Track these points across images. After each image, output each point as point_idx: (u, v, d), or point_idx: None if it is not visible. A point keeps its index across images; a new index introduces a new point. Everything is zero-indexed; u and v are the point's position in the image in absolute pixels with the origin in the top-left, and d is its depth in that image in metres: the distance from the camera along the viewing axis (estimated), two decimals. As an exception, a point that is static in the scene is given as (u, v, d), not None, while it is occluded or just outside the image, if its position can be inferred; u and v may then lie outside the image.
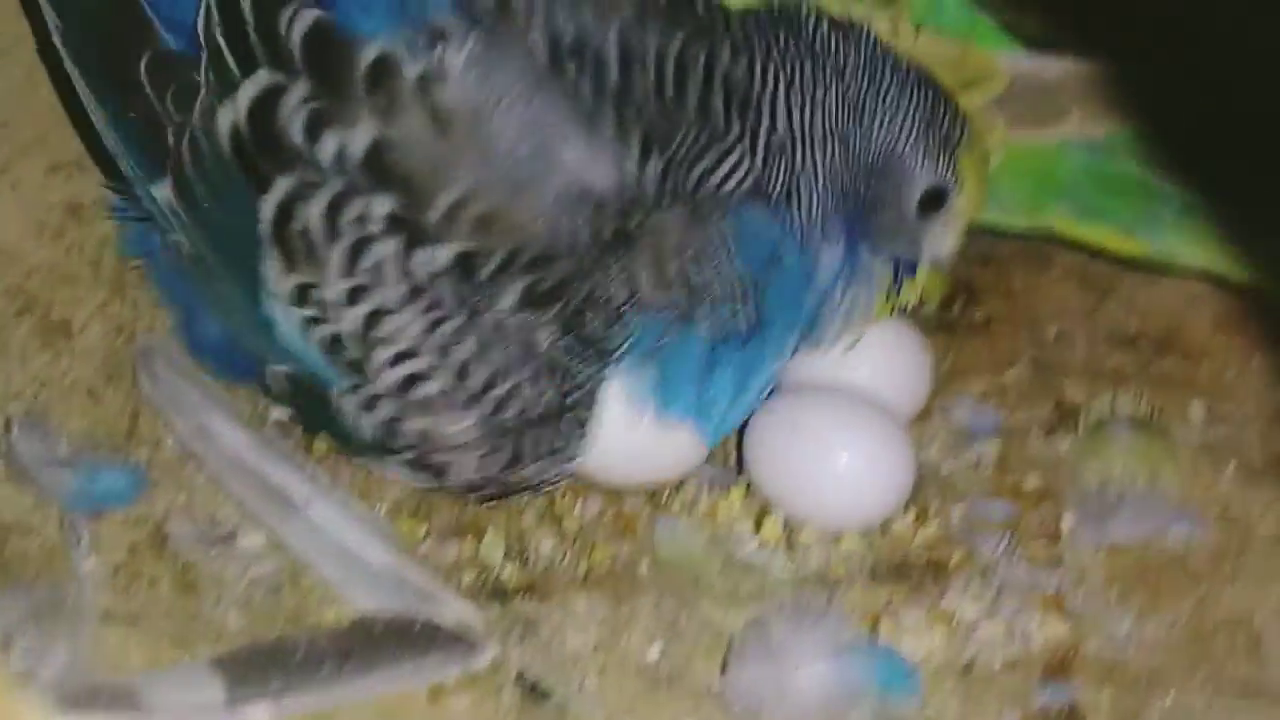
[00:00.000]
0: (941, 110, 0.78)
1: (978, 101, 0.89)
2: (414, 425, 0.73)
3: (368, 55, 0.69)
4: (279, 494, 0.76)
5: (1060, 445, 0.87)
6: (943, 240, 0.81)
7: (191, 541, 0.76)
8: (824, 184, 0.76)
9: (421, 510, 0.80)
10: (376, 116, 0.68)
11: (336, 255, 0.70)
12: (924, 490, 0.84)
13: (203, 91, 0.72)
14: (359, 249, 0.70)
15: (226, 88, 0.71)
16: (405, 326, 0.70)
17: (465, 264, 0.69)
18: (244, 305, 0.74)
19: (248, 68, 0.70)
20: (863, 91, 0.76)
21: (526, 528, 0.80)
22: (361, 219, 0.69)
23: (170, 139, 0.73)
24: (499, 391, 0.71)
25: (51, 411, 0.78)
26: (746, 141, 0.74)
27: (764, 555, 0.80)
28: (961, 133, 0.79)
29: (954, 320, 0.95)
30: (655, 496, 0.82)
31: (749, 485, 0.82)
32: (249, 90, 0.70)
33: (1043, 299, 0.96)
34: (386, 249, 0.69)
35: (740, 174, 0.74)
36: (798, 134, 0.75)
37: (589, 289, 0.70)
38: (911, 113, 0.77)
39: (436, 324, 0.71)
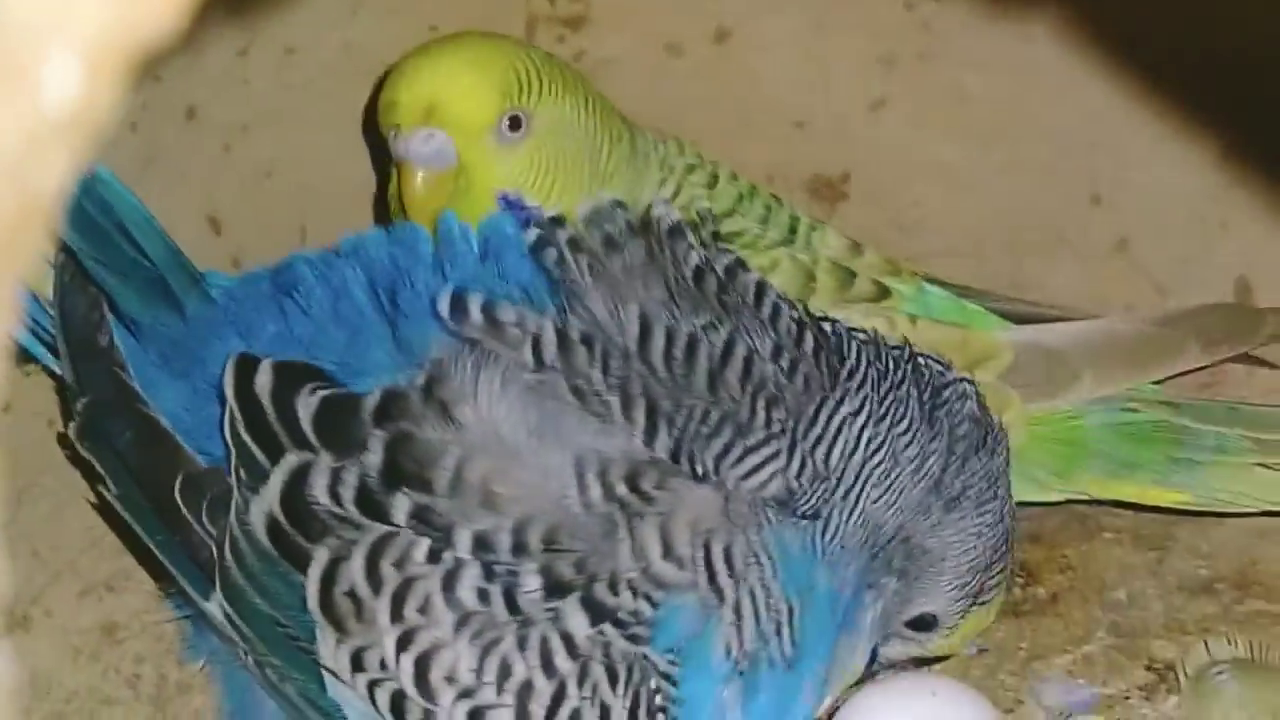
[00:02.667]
0: (999, 555, 0.78)
1: (988, 378, 0.89)
2: None
3: (372, 401, 0.70)
4: None
5: (1165, 705, 0.83)
6: (898, 648, 0.81)
7: None
8: (856, 526, 0.74)
9: None
10: (385, 438, 0.69)
11: (383, 604, 0.69)
12: (1040, 778, 0.79)
13: (235, 492, 0.72)
14: (403, 591, 0.69)
15: (257, 480, 0.72)
16: (460, 657, 0.68)
17: (482, 546, 0.68)
18: (311, 699, 0.72)
19: (275, 455, 0.71)
20: (940, 484, 0.76)
21: None
22: (401, 560, 0.69)
23: (213, 552, 0.73)
24: (566, 709, 0.68)
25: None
26: (780, 445, 0.72)
27: None
28: (995, 585, 0.80)
29: (1019, 603, 0.92)
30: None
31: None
32: (279, 476, 0.71)
33: (1102, 564, 0.94)
34: (430, 584, 0.68)
35: (768, 472, 0.71)
36: (843, 464, 0.73)
37: (607, 561, 0.68)
38: (970, 540, 0.77)
39: (489, 647, 0.68)
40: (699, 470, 0.70)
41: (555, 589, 0.68)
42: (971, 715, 0.76)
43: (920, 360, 0.78)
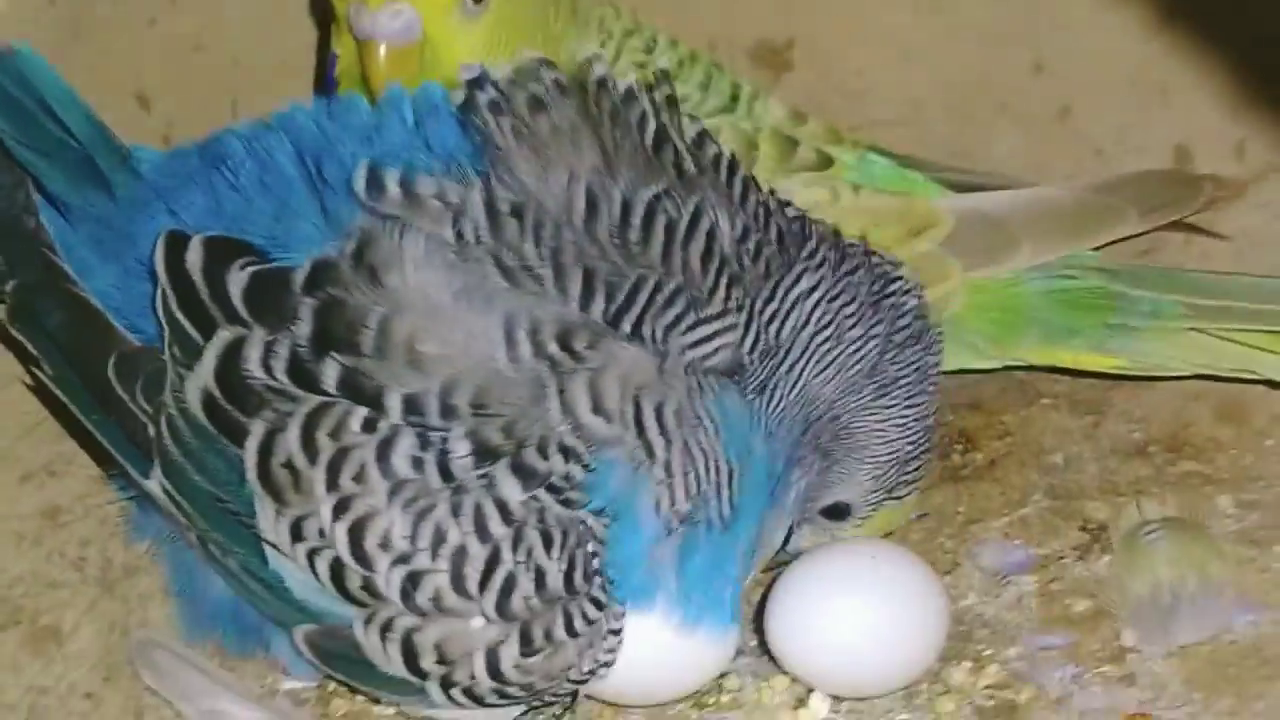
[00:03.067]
0: (919, 450, 0.80)
1: (928, 246, 0.89)
2: (430, 634, 0.70)
3: (301, 273, 0.70)
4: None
5: (1098, 565, 0.85)
6: (809, 537, 0.82)
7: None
8: (795, 399, 0.75)
9: (457, 760, 0.75)
10: (314, 305, 0.69)
11: (319, 474, 0.69)
12: (972, 638, 0.81)
13: (170, 370, 0.72)
14: (338, 460, 0.69)
15: (191, 356, 0.71)
16: (394, 524, 0.69)
17: (412, 409, 0.68)
18: (253, 572, 0.73)
19: (208, 331, 0.71)
20: (875, 368, 0.77)
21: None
22: (337, 430, 0.69)
23: (150, 431, 0.73)
24: (501, 573, 0.69)
25: (50, 719, 0.74)
26: (734, 319, 0.72)
27: (826, 734, 0.76)
28: (911, 482, 0.81)
29: (957, 468, 0.93)
30: (698, 697, 0.78)
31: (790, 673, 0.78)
32: (213, 351, 0.71)
33: (1040, 429, 0.95)
34: (365, 452, 0.68)
35: (717, 344, 0.72)
36: (792, 338, 0.74)
37: (536, 424, 0.68)
38: (894, 429, 0.79)
39: (423, 514, 0.69)
40: (642, 337, 0.70)
41: (484, 454, 0.68)
42: (910, 577, 0.78)
43: (874, 255, 0.79)
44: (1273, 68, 0.90)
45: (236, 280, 0.70)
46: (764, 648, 0.79)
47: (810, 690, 0.77)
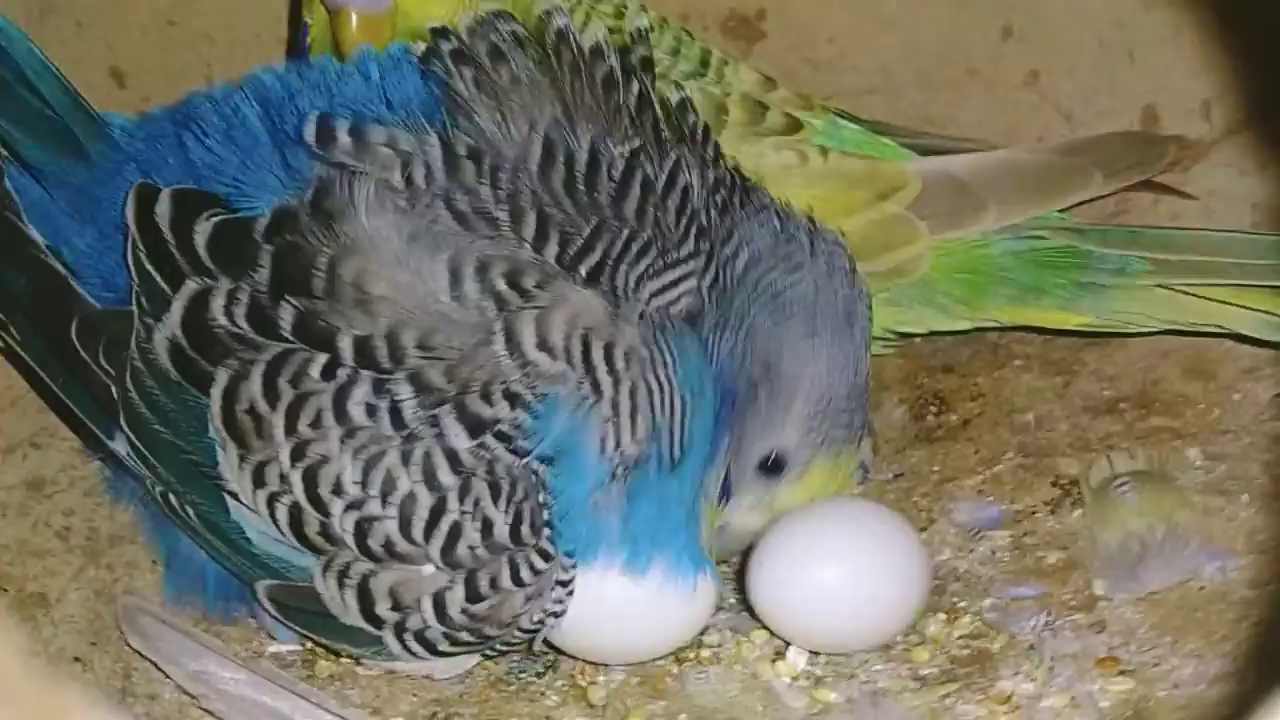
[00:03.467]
0: (851, 400, 0.79)
1: (897, 209, 0.90)
2: (384, 579, 0.71)
3: (263, 221, 0.71)
4: (288, 728, 0.72)
5: (1069, 518, 0.86)
6: (747, 504, 0.79)
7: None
8: (742, 336, 0.76)
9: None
10: (272, 252, 0.70)
11: (279, 419, 0.70)
12: (946, 591, 0.82)
13: (136, 321, 0.73)
14: (297, 406, 0.70)
15: (159, 306, 0.73)
16: (345, 469, 0.70)
17: (362, 353, 0.69)
18: (216, 524, 0.74)
19: (176, 282, 0.72)
20: (809, 310, 0.78)
21: (551, 708, 0.76)
22: (297, 376, 0.70)
23: (113, 391, 0.74)
24: (447, 522, 0.70)
25: (39, 682, 0.75)
26: (698, 264, 0.74)
27: (804, 687, 0.77)
28: (845, 437, 0.79)
29: (932, 429, 0.95)
30: (679, 654, 0.79)
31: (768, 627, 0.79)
32: (180, 301, 0.72)
33: (1012, 390, 0.96)
34: (322, 399, 0.70)
35: (681, 292, 0.73)
36: (741, 277, 0.76)
37: (481, 369, 0.69)
38: (823, 372, 0.78)
39: (374, 460, 0.70)
40: (600, 283, 0.71)
41: (427, 396, 0.69)
42: (891, 534, 0.79)
43: (816, 221, 0.80)
44: (1238, 26, 0.92)
45: (202, 230, 0.71)
46: (744, 604, 0.80)
47: (788, 644, 0.79)
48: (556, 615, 0.73)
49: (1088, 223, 0.94)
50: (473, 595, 0.71)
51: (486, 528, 0.70)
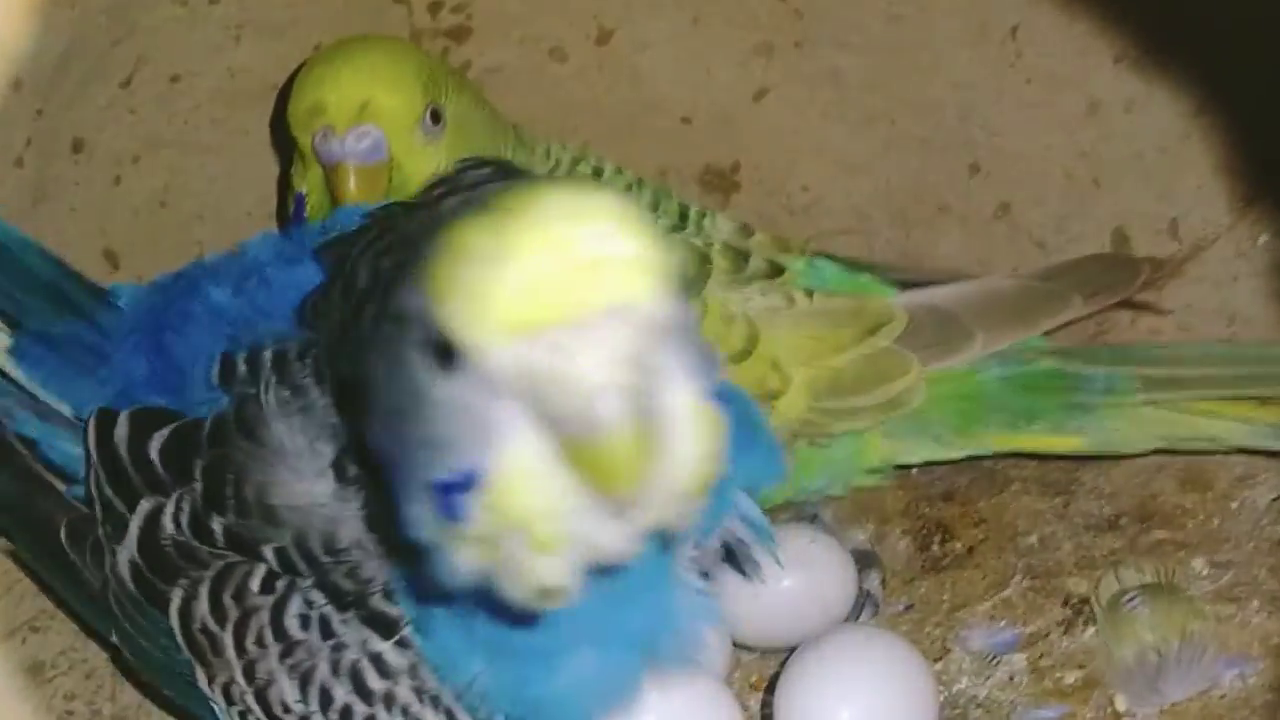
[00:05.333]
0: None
1: (886, 343, 0.92)
2: None
3: (206, 428, 0.70)
4: None
5: (1084, 636, 0.86)
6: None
7: None
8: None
9: None
10: (202, 465, 0.69)
11: (229, 638, 0.70)
12: (969, 718, 0.81)
13: (104, 544, 0.73)
14: (242, 624, 0.69)
15: (120, 530, 0.72)
16: (286, 689, 0.69)
17: (283, 561, 0.67)
18: None
19: (132, 503, 0.72)
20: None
21: None
22: (239, 592, 0.69)
23: (103, 595, 0.75)
24: None
25: None
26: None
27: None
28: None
29: (938, 559, 0.95)
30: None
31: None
32: (136, 522, 0.72)
33: (1013, 513, 0.96)
34: (263, 615, 0.69)
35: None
36: None
37: (373, 563, 0.66)
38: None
39: (308, 675, 0.69)
40: None
41: (340, 602, 0.67)
42: (900, 657, 0.79)
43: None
44: (1197, 148, 0.95)
45: (157, 440, 0.71)
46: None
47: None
48: None
49: (1070, 346, 0.96)
50: None
51: None
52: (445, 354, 0.50)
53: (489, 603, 0.57)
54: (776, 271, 0.92)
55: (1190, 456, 0.94)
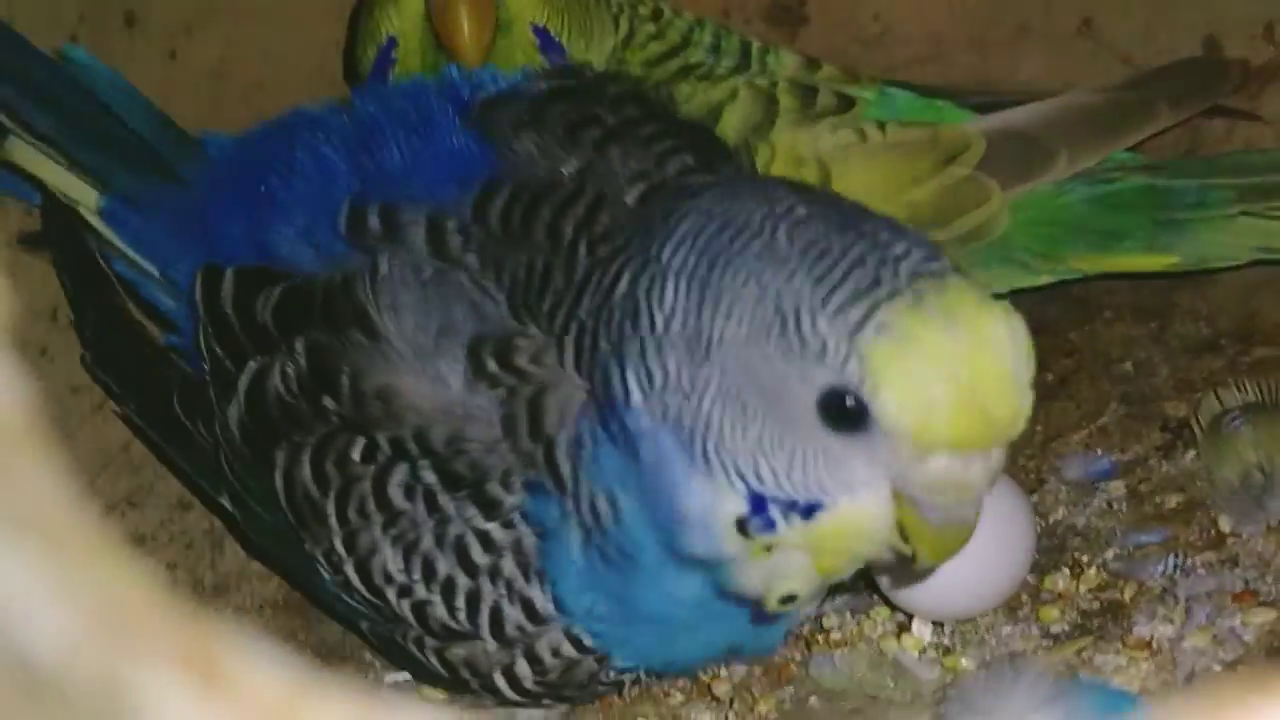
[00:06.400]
0: (840, 252, 0.59)
1: (964, 170, 0.88)
2: (457, 652, 0.70)
3: (319, 288, 0.69)
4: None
5: (1184, 460, 0.84)
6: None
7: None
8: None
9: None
10: (305, 343, 0.69)
11: (330, 506, 0.70)
12: (1067, 548, 0.80)
13: (214, 403, 0.74)
14: (344, 493, 0.69)
15: (229, 390, 0.72)
16: (389, 558, 0.69)
17: (396, 446, 0.67)
18: (317, 582, 0.74)
19: (240, 363, 0.72)
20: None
21: (677, 706, 0.75)
22: (341, 460, 0.69)
23: (217, 454, 0.75)
24: (486, 604, 0.68)
25: None
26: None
27: (934, 658, 0.75)
28: (885, 304, 0.57)
29: (1029, 391, 0.92)
30: (797, 639, 0.77)
31: (888, 601, 0.77)
32: (243, 382, 0.72)
33: (1106, 341, 0.94)
34: (365, 485, 0.69)
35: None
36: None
37: (499, 456, 0.65)
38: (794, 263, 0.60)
39: (412, 547, 0.68)
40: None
41: (454, 486, 0.67)
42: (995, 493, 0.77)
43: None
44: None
45: (263, 300, 0.71)
46: (864, 582, 0.79)
47: (911, 618, 0.77)
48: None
49: (1160, 160, 0.92)
50: (538, 668, 0.69)
51: (528, 606, 0.68)
52: (851, 416, 0.57)
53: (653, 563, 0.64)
54: (846, 105, 0.89)
55: (1290, 269, 0.91)
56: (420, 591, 0.69)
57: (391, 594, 0.69)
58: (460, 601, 0.68)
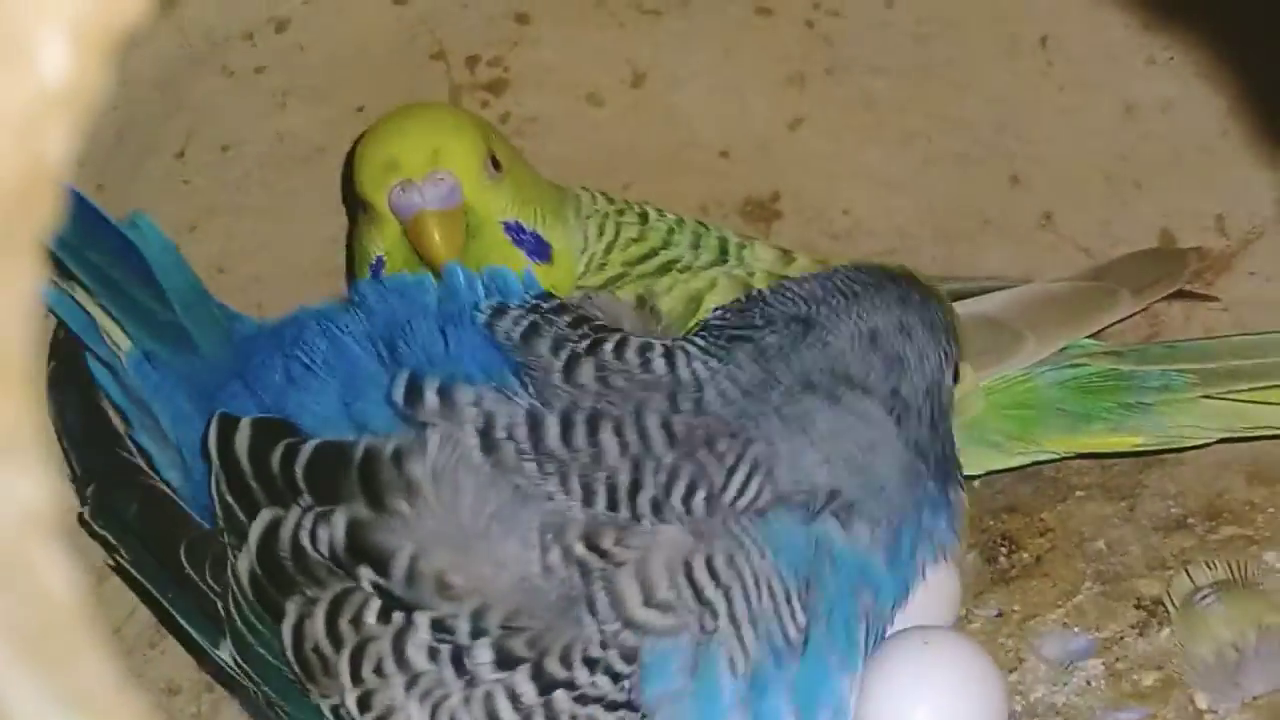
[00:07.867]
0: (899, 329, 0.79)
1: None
2: None
3: (357, 454, 0.71)
4: None
5: (1160, 637, 0.85)
6: None
7: None
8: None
9: None
10: (355, 502, 0.71)
11: (344, 664, 0.71)
12: (1049, 727, 0.81)
13: (226, 551, 0.75)
14: (359, 651, 0.70)
15: (240, 539, 0.75)
16: (411, 717, 0.69)
17: (440, 629, 0.69)
18: None
19: (252, 512, 0.74)
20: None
21: None
22: (356, 619, 0.70)
23: (219, 606, 0.76)
24: None
25: None
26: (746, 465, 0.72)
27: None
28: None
29: (1005, 570, 0.94)
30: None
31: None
32: (256, 531, 0.74)
33: (1079, 520, 0.96)
34: (382, 645, 0.70)
35: (755, 489, 0.71)
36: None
37: (561, 635, 0.68)
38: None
39: (439, 705, 0.69)
40: (670, 516, 0.70)
41: (507, 663, 0.69)
42: (970, 664, 0.79)
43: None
44: (1236, 142, 0.95)
45: (289, 456, 0.73)
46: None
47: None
48: None
49: (1124, 345, 0.96)
50: None
51: None
52: None
53: None
54: (822, 293, 0.92)
55: (1255, 451, 0.94)
56: None
57: None
58: None
